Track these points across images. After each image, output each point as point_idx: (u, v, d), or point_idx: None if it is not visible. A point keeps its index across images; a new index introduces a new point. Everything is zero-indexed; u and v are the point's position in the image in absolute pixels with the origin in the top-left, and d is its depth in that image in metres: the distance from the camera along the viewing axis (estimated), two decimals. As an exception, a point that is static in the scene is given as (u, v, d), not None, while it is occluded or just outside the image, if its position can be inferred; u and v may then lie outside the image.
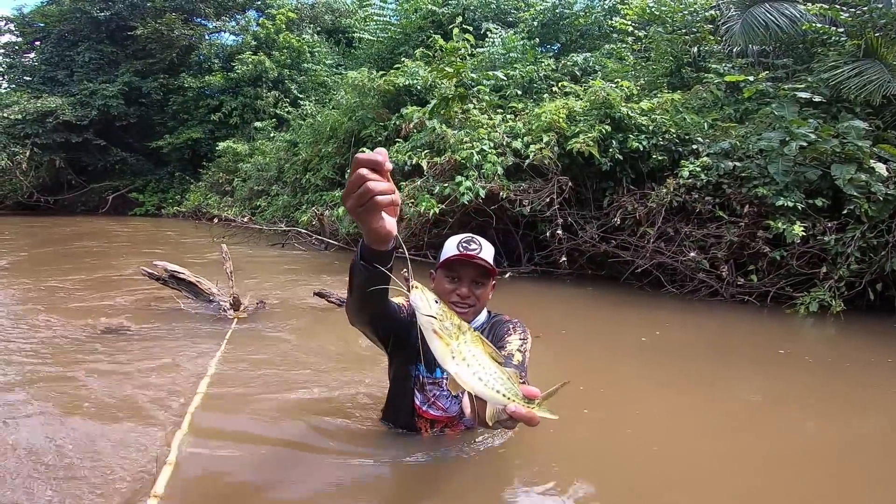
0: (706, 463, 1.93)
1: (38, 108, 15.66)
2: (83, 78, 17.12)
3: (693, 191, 4.93)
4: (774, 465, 1.91)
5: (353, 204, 1.00)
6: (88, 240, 9.23)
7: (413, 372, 1.71)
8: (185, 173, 16.79)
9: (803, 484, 1.80)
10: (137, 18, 16.84)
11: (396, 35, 11.07)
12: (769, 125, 5.03)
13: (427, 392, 1.71)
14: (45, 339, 3.11)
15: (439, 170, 5.70)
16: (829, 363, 3.32)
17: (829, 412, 2.52)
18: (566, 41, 9.32)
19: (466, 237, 1.67)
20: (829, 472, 1.93)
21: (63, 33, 17.88)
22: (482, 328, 1.69)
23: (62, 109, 15.88)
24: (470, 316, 1.65)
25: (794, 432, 2.26)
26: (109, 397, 2.26)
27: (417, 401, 1.72)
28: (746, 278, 4.68)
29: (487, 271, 1.63)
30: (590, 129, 5.28)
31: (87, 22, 17.41)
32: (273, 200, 10.54)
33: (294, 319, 3.83)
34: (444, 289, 1.66)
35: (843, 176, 4.42)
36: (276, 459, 1.77)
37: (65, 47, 17.86)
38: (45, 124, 15.86)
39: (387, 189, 0.99)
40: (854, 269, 4.30)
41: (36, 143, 15.95)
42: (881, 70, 4.88)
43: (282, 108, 14.37)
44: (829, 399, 2.69)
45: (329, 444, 1.86)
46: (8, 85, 19.10)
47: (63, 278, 5.08)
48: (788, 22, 5.71)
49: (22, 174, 15.95)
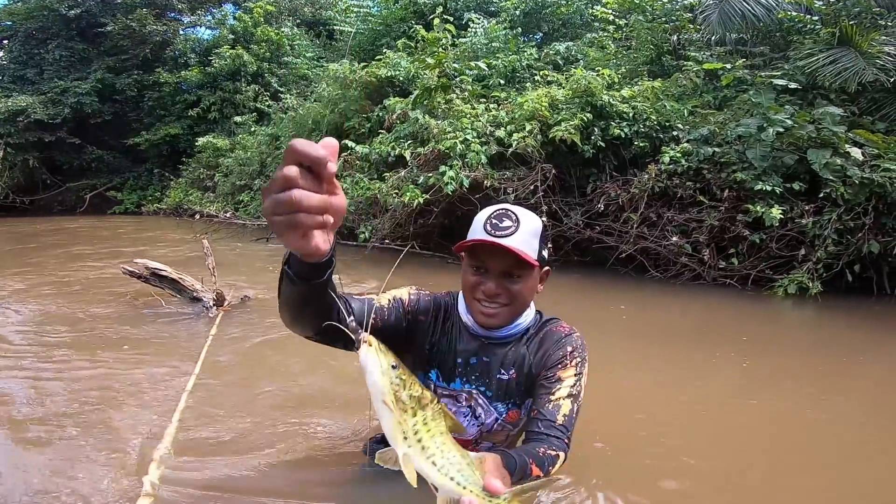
0: (693, 443, 1.97)
1: (8, 107, 15.14)
2: (54, 76, 16.60)
3: (674, 176, 4.99)
4: (753, 445, 1.95)
5: (269, 208, 0.65)
6: (64, 239, 8.98)
7: (423, 379, 1.33)
8: (164, 170, 16.41)
9: (780, 464, 1.85)
10: (108, 15, 16.36)
11: (377, 26, 10.95)
12: (747, 112, 5.11)
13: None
14: (23, 341, 3.01)
15: (423, 160, 5.67)
16: (807, 344, 3.40)
17: (808, 392, 2.58)
18: (548, 30, 9.33)
19: (499, 210, 1.24)
20: (808, 452, 1.98)
21: (31, 31, 17.25)
22: (527, 336, 1.32)
23: (33, 108, 15.37)
24: (504, 317, 1.26)
25: (773, 412, 2.31)
26: (90, 399, 2.20)
27: None
28: (728, 262, 4.77)
29: (524, 260, 1.18)
30: (572, 118, 5.29)
31: (56, 19, 16.83)
32: (256, 195, 10.37)
33: (278, 313, 3.78)
34: (467, 281, 1.27)
35: (819, 160, 4.51)
36: (264, 458, 1.74)
37: (33, 45, 17.24)
38: (17, 123, 15.34)
39: (317, 206, 0.64)
40: (831, 251, 4.41)
41: (8, 143, 15.44)
42: (856, 57, 4.98)
43: (262, 101, 14.13)
44: (808, 379, 2.76)
45: (320, 443, 1.84)
46: None
47: (40, 279, 4.94)
48: (764, 11, 5.80)
49: (-5, 175, 15.44)
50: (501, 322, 1.27)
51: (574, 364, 1.27)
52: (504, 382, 1.31)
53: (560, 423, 1.19)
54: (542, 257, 1.26)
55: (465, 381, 1.33)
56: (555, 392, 1.23)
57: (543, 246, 1.27)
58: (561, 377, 1.24)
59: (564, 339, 1.30)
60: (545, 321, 1.36)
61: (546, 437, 1.17)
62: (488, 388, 1.31)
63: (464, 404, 1.33)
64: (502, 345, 1.31)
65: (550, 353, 1.28)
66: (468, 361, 1.32)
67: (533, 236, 1.22)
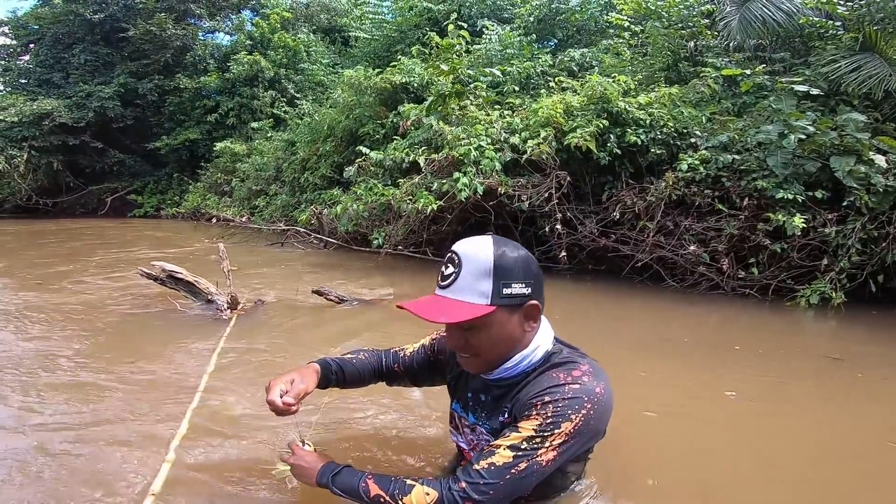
0: (712, 458, 1.92)
1: (33, 110, 15.54)
2: (78, 80, 17.04)
3: (692, 184, 4.92)
4: (778, 457, 1.90)
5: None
6: (87, 241, 9.20)
7: (451, 408, 1.42)
8: (183, 174, 16.75)
9: (809, 479, 1.79)
10: (131, 20, 16.77)
11: (392, 33, 11.06)
12: (767, 118, 5.02)
13: (466, 434, 1.36)
14: (38, 341, 3.08)
15: (437, 166, 5.68)
16: (831, 354, 3.30)
17: (832, 404, 2.51)
18: (563, 37, 9.31)
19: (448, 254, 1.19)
20: (833, 467, 1.91)
21: (57, 35, 17.74)
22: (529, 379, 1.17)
23: (58, 111, 15.78)
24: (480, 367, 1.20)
25: (797, 426, 2.24)
26: (99, 400, 2.24)
27: (461, 442, 1.39)
28: (747, 271, 4.67)
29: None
30: (587, 124, 5.26)
31: (81, 24, 17.30)
32: (272, 200, 10.51)
33: (292, 317, 3.82)
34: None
35: (842, 168, 4.40)
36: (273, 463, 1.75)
37: (59, 49, 17.72)
38: (42, 127, 15.77)
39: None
40: (855, 260, 4.30)
41: (33, 145, 15.85)
42: (881, 64, 4.87)
43: (279, 107, 14.33)
44: (832, 391, 2.68)
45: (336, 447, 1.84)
46: (3, 88, 18.99)
47: (59, 280, 5.06)
48: (785, 17, 5.70)
49: (20, 177, 15.88)
50: (479, 370, 1.22)
51: (541, 417, 1.06)
52: (500, 424, 1.23)
53: (476, 468, 1.07)
54: (507, 297, 1.10)
55: (477, 416, 1.32)
56: (500, 439, 1.10)
57: (510, 282, 1.10)
58: (519, 427, 1.09)
59: (551, 388, 1.10)
60: (552, 365, 1.17)
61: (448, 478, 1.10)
62: (492, 427, 1.27)
63: (482, 437, 1.30)
64: (501, 387, 1.25)
65: (528, 399, 1.11)
66: (478, 398, 1.31)
67: (479, 277, 1.10)
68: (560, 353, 1.20)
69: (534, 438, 1.07)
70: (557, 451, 1.08)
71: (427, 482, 1.11)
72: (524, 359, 1.18)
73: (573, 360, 1.16)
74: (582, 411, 1.07)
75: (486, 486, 1.05)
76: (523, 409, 1.11)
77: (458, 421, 1.38)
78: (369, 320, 3.81)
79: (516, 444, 1.07)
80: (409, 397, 2.23)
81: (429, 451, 1.78)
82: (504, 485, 1.06)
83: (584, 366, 1.15)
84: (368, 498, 1.13)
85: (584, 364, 1.15)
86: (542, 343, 1.20)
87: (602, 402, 1.11)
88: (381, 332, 3.47)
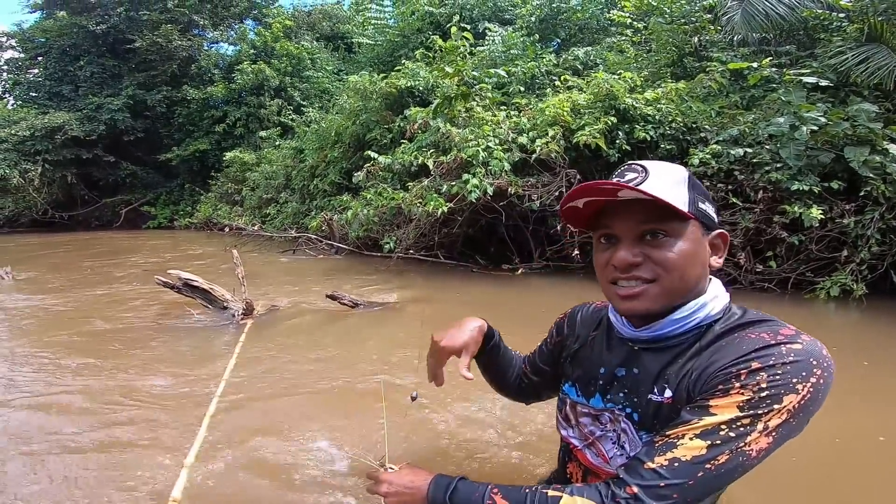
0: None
1: (45, 123, 15.75)
2: (88, 92, 17.25)
3: (704, 178, 4.87)
4: (806, 455, 1.87)
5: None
6: (102, 253, 9.35)
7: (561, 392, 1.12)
8: (194, 185, 16.98)
9: (833, 476, 1.76)
10: (135, 31, 16.98)
11: (395, 38, 11.13)
12: (777, 111, 4.97)
13: (582, 426, 1.04)
14: (57, 350, 3.14)
15: (446, 168, 5.69)
16: (854, 347, 3.25)
17: (861, 399, 2.46)
18: (566, 36, 9.30)
19: (622, 167, 0.93)
20: (863, 464, 1.88)
21: (64, 48, 17.92)
22: (706, 341, 0.87)
23: (69, 124, 15.97)
24: (652, 299, 0.88)
25: (826, 421, 2.20)
26: (117, 408, 2.27)
27: (569, 435, 1.08)
28: (765, 265, 4.61)
29: (665, 210, 0.85)
30: (595, 122, 5.24)
31: (86, 36, 17.47)
32: (282, 208, 10.61)
33: (307, 321, 3.85)
34: (598, 261, 0.95)
35: (857, 158, 4.34)
36: (291, 470, 1.75)
37: (67, 62, 17.89)
38: (55, 140, 15.98)
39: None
40: (875, 251, 4.23)
41: (47, 159, 16.09)
42: (889, 55, 4.81)
43: (285, 115, 14.48)
44: (858, 385, 2.63)
45: (345, 453, 1.85)
46: (14, 101, 19.23)
47: (79, 290, 5.15)
48: (788, 10, 5.65)
49: (35, 191, 16.15)
50: (649, 305, 0.88)
51: (749, 390, 0.77)
52: (656, 405, 0.89)
53: (651, 466, 0.79)
54: (702, 212, 0.88)
55: (609, 398, 0.98)
56: (681, 426, 0.80)
57: (700, 197, 0.89)
58: (711, 407, 0.79)
59: (759, 350, 0.80)
60: (745, 322, 0.87)
61: (607, 481, 0.84)
62: (635, 411, 0.93)
63: (609, 427, 0.98)
64: (660, 351, 0.92)
65: (720, 369, 0.81)
66: (613, 374, 0.98)
67: (676, 184, 0.88)
68: (745, 313, 0.90)
69: (739, 420, 0.77)
70: (773, 437, 0.78)
71: (577, 490, 0.85)
72: (701, 307, 0.89)
73: (770, 319, 0.87)
74: (812, 379, 0.78)
75: (669, 489, 0.78)
76: (714, 381, 0.81)
77: (572, 409, 1.06)
78: (384, 324, 3.82)
79: (712, 431, 0.78)
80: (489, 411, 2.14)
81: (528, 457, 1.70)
82: (694, 486, 0.78)
83: (790, 326, 0.85)
84: None
85: (788, 325, 0.85)
86: (720, 294, 0.92)
87: (831, 366, 0.81)
88: (396, 335, 3.49)
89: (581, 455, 1.04)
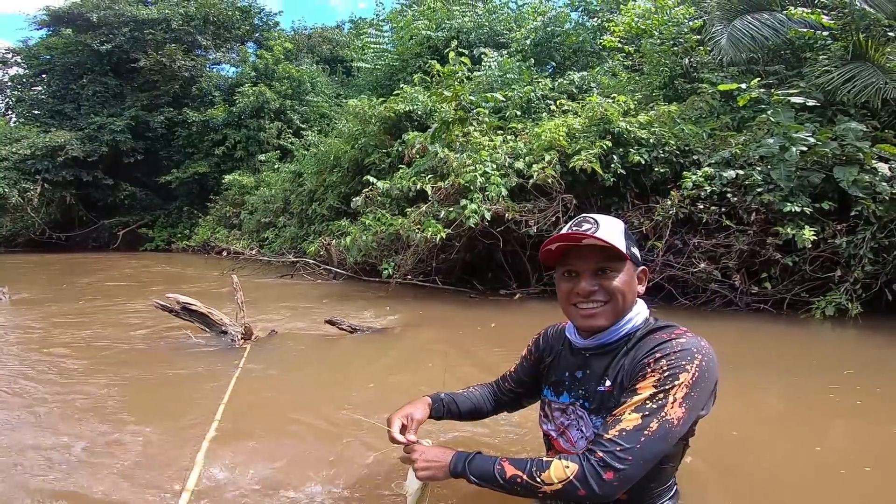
0: (751, 472, 1.90)
1: (46, 142, 15.61)
2: (90, 111, 17.23)
3: (698, 201, 4.94)
4: (810, 471, 1.88)
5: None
6: (99, 275, 9.35)
7: (542, 395, 1.47)
8: (193, 207, 17.03)
9: (844, 496, 1.77)
10: (139, 51, 17.12)
11: (393, 62, 11.33)
12: (767, 132, 5.07)
13: (555, 419, 1.38)
14: (57, 372, 3.13)
15: (444, 194, 5.75)
16: (852, 365, 3.26)
17: (860, 416, 2.47)
18: (560, 60, 9.49)
19: (577, 219, 1.28)
20: (868, 483, 1.88)
21: (68, 66, 17.96)
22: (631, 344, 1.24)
23: (70, 144, 15.79)
24: (607, 316, 1.23)
25: (827, 439, 2.22)
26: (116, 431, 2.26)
27: (548, 428, 1.42)
28: (760, 286, 4.65)
29: (612, 253, 1.21)
30: (590, 146, 5.34)
31: (90, 54, 17.47)
32: (280, 232, 10.66)
33: (305, 346, 3.86)
34: (561, 291, 1.29)
35: (846, 178, 4.43)
36: (293, 495, 1.76)
37: (70, 80, 17.90)
38: (55, 160, 15.84)
39: None
40: (868, 270, 4.28)
41: (46, 178, 15.96)
42: (874, 72, 4.92)
43: (285, 138, 14.62)
44: (858, 403, 2.64)
45: (349, 478, 1.85)
46: (17, 119, 19.22)
47: (75, 313, 5.14)
48: (772, 31, 5.78)
49: (33, 211, 16.09)
50: (604, 321, 1.23)
51: (657, 372, 1.12)
52: (601, 394, 1.25)
53: (609, 436, 1.09)
54: (633, 254, 1.26)
55: (573, 395, 1.33)
56: (622, 406, 1.13)
57: (631, 244, 1.27)
58: (637, 389, 1.13)
59: (659, 346, 1.16)
60: (654, 328, 1.24)
61: (583, 452, 1.12)
62: (588, 401, 1.29)
63: (573, 417, 1.33)
64: (604, 354, 1.28)
65: (638, 362, 1.17)
66: (574, 375, 1.34)
67: (619, 234, 1.24)
68: (655, 322, 1.28)
69: (656, 395, 1.10)
70: (684, 407, 1.10)
71: (564, 457, 1.12)
72: (630, 320, 1.26)
73: (670, 325, 1.24)
74: (695, 361, 1.13)
75: (624, 452, 1.07)
76: (635, 371, 1.16)
77: (548, 406, 1.41)
78: (383, 348, 3.83)
79: (641, 406, 1.10)
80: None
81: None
82: (641, 448, 1.07)
83: (682, 328, 1.22)
84: (504, 480, 1.14)
85: (680, 327, 1.23)
86: (641, 311, 1.30)
87: (710, 353, 1.16)
88: (395, 360, 3.49)
89: (556, 443, 1.39)
